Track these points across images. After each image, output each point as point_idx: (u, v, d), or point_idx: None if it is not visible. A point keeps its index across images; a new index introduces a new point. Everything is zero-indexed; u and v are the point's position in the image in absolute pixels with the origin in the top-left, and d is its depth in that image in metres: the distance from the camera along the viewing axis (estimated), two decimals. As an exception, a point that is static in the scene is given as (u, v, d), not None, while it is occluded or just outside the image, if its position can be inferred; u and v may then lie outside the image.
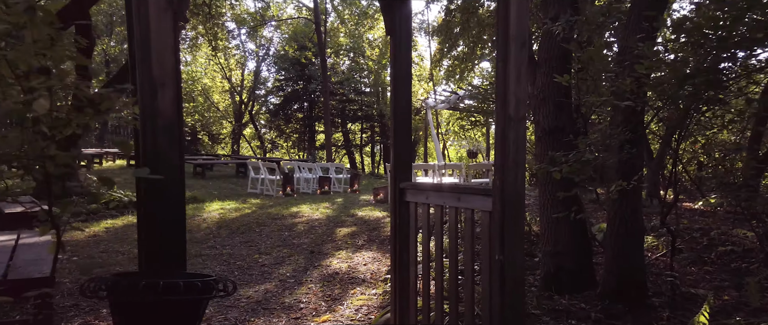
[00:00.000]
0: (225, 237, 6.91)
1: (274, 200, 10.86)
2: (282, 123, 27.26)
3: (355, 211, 8.79)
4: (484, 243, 2.28)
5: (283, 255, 5.86)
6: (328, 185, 12.65)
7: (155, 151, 1.55)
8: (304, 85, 24.95)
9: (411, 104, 3.18)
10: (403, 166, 3.03)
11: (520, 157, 2.17)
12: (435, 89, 19.56)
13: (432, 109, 17.76)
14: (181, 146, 1.58)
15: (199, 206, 9.52)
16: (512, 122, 2.14)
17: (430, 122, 17.61)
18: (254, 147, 29.20)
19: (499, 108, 2.17)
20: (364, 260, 5.49)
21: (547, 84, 3.91)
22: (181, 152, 1.57)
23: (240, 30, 25.00)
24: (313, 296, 4.27)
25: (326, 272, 5.07)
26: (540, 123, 4.00)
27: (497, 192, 2.15)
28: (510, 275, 2.15)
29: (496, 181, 2.18)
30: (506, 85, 2.12)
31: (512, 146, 2.14)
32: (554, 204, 3.83)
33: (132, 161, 16.59)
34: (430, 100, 18.87)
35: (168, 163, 1.56)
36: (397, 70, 3.03)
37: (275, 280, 4.84)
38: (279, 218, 8.12)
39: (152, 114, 1.53)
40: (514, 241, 2.15)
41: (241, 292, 4.40)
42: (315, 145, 26.22)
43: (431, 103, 17.37)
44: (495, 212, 2.18)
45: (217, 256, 5.84)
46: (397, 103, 3.04)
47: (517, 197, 2.15)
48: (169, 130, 1.55)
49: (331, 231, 7.14)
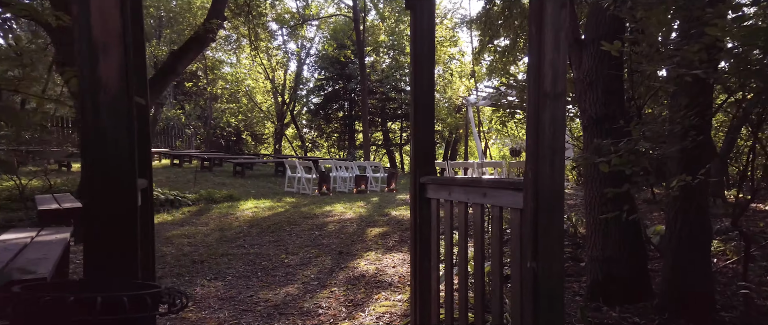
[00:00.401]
0: (255, 236, 6.75)
1: (309, 198, 10.71)
2: (322, 123, 27.35)
3: (390, 210, 8.47)
4: (514, 247, 1.89)
5: (310, 256, 5.61)
6: (365, 183, 12.40)
7: (98, 130, 1.26)
8: (344, 84, 24.89)
9: (433, 87, 2.82)
10: (424, 157, 2.67)
11: (557, 144, 1.77)
12: (476, 86, 18.97)
13: (473, 106, 17.20)
14: (130, 123, 1.29)
15: (234, 205, 9.48)
16: (548, 100, 1.75)
17: (471, 120, 17.06)
18: (295, 147, 29.47)
19: (531, 82, 1.78)
20: (393, 262, 5.15)
21: (595, 66, 3.45)
22: (130, 130, 1.29)
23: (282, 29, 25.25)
24: (334, 301, 3.97)
25: (352, 275, 4.77)
26: (586, 111, 3.53)
27: (529, 186, 1.77)
28: (544, 286, 1.76)
29: (528, 172, 1.79)
30: (541, 52, 1.73)
31: (548, 129, 1.75)
32: (602, 202, 3.36)
33: (175, 160, 16.95)
34: (471, 97, 18.31)
35: (114, 146, 1.28)
36: (418, 47, 2.68)
37: (298, 282, 4.59)
38: (311, 217, 7.91)
39: (93, 85, 1.25)
40: (550, 245, 1.76)
41: (260, 295, 4.17)
42: (355, 145, 26.11)
43: (472, 100, 16.79)
44: (526, 209, 1.79)
45: (244, 255, 5.66)
46: (418, 85, 2.68)
47: (553, 191, 1.76)
48: (114, 104, 1.26)
49: (362, 231, 6.85)
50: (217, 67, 27.23)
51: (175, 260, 5.38)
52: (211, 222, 7.76)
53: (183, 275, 4.82)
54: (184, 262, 5.30)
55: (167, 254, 5.62)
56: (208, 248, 5.97)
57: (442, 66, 23.67)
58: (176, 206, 9.14)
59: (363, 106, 20.36)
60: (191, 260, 5.39)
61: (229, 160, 16.23)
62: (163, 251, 5.78)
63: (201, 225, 7.52)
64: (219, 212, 8.68)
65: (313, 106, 28.28)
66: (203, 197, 10.01)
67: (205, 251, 5.79)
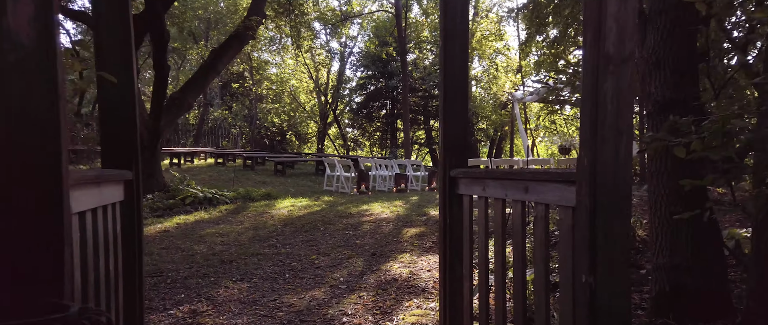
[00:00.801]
0: (288, 235, 6.55)
1: (347, 197, 10.47)
2: (364, 121, 27.22)
3: (428, 209, 8.07)
4: (564, 256, 1.48)
5: (341, 257, 5.32)
6: (405, 182, 12.04)
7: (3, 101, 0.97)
8: (386, 82, 24.62)
9: (467, 66, 2.43)
10: (454, 148, 2.29)
11: (623, 122, 1.36)
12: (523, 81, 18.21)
13: (519, 102, 16.47)
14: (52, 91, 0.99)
15: (271, 203, 9.36)
16: (611, 64, 1.33)
17: (517, 116, 16.34)
18: (338, 146, 29.51)
19: (588, 43, 1.37)
20: (429, 265, 4.77)
21: (663, 42, 2.94)
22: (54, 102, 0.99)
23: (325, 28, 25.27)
24: (361, 307, 3.64)
25: (384, 278, 4.43)
26: (652, 95, 3.02)
27: (584, 177, 1.36)
28: (604, 306, 1.35)
29: (583, 160, 1.38)
30: (601, 4, 1.32)
31: (610, 103, 1.34)
32: (671, 200, 2.84)
33: (219, 159, 17.21)
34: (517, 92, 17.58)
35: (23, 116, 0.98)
36: (448, 20, 2.30)
37: (326, 285, 4.29)
38: (346, 217, 7.64)
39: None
40: (612, 255, 1.35)
41: (284, 299, 3.90)
42: (396, 144, 25.80)
43: (519, 96, 16.09)
44: (581, 208, 1.38)
45: (274, 256, 5.44)
46: (448, 65, 2.30)
47: (617, 185, 1.34)
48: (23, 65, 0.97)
49: (398, 231, 6.49)
50: (262, 68, 27.66)
51: (204, 259, 5.22)
52: (246, 220, 7.64)
53: (209, 275, 4.64)
54: (213, 261, 5.13)
55: (197, 253, 5.49)
56: (240, 247, 5.80)
57: (487, 61, 22.96)
58: (214, 204, 9.12)
59: (404, 103, 20.01)
60: (220, 259, 5.22)
61: (270, 159, 16.30)
62: (194, 250, 5.65)
63: (236, 223, 7.40)
64: (255, 210, 8.57)
65: (355, 105, 28.21)
66: (241, 195, 9.96)
67: (235, 250, 5.62)
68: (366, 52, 25.68)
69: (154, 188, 9.58)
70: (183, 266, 4.97)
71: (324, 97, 27.65)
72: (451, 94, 2.30)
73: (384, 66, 24.36)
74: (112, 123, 1.81)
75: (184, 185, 9.85)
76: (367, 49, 25.31)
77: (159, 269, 4.80)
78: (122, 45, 1.79)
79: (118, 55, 1.79)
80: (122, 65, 1.80)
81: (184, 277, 4.57)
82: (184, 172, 13.58)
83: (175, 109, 10.26)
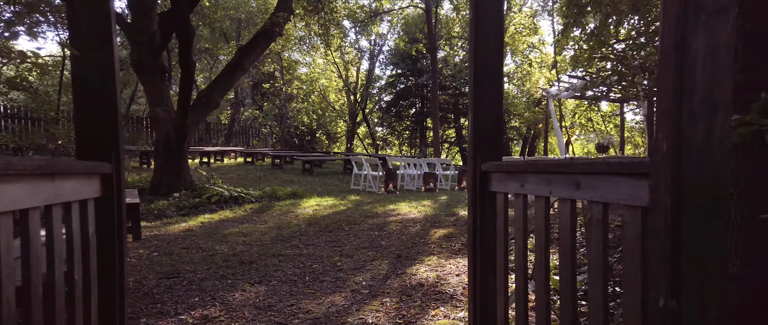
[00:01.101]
0: (311, 235, 6.31)
1: (374, 197, 10.19)
2: (394, 120, 26.93)
3: (458, 209, 7.70)
4: (631, 272, 1.14)
5: (365, 259, 5.03)
6: (434, 181, 11.67)
7: None
8: (415, 80, 24.26)
9: (502, 44, 2.08)
10: (486, 138, 1.95)
11: (721, 93, 1.00)
12: (559, 77, 17.52)
13: (554, 98, 15.83)
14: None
15: (297, 202, 9.17)
16: (703, 15, 0.98)
17: (552, 113, 15.72)
18: (367, 145, 29.32)
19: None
20: (458, 269, 4.43)
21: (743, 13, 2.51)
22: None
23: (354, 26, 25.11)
24: (383, 315, 3.34)
25: (409, 283, 4.11)
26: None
27: (664, 166, 1.01)
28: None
29: (661, 144, 1.03)
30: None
31: (702, 67, 0.98)
32: (747, 197, 2.42)
33: (248, 158, 17.25)
34: (552, 88, 16.92)
35: None
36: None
37: (347, 290, 4.01)
38: (372, 216, 7.35)
39: None
40: (705, 271, 1.00)
41: (302, 305, 3.63)
42: (426, 142, 25.40)
43: (554, 92, 15.46)
44: (657, 208, 1.04)
45: (296, 257, 5.20)
46: (479, 39, 1.96)
47: (711, 175, 0.99)
48: None
49: (426, 232, 6.16)
50: (293, 68, 27.75)
51: (224, 260, 5.03)
52: (270, 220, 7.45)
53: (226, 277, 4.43)
54: (232, 262, 4.93)
55: (217, 253, 5.30)
56: (261, 248, 5.59)
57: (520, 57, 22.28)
58: (239, 203, 9.00)
59: (433, 101, 19.60)
60: (240, 260, 5.01)
61: (298, 158, 16.21)
62: (215, 250, 5.47)
63: (260, 223, 7.23)
64: (280, 209, 8.39)
65: (384, 103, 27.95)
66: (267, 194, 9.82)
67: (256, 251, 5.41)
68: (395, 49, 25.37)
69: (182, 186, 9.55)
70: (201, 267, 4.78)
71: (353, 96, 27.51)
72: (482, 76, 1.97)
73: (413, 64, 24.00)
74: (88, 107, 1.57)
75: (211, 183, 9.78)
76: (397, 47, 25.00)
77: (176, 270, 4.63)
78: (98, 16, 1.55)
79: (94, 27, 1.55)
80: (100, 38, 1.55)
81: (201, 278, 4.37)
82: (213, 171, 13.61)
83: (202, 108, 10.21)
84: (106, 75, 1.58)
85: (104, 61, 1.58)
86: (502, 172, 1.79)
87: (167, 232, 6.67)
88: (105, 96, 1.58)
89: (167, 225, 7.18)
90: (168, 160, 9.46)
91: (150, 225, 7.18)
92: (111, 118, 1.60)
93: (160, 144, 9.78)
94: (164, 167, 9.50)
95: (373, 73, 28.27)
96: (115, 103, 1.61)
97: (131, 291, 3.99)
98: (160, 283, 4.24)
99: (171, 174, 9.45)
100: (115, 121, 1.60)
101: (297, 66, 28.27)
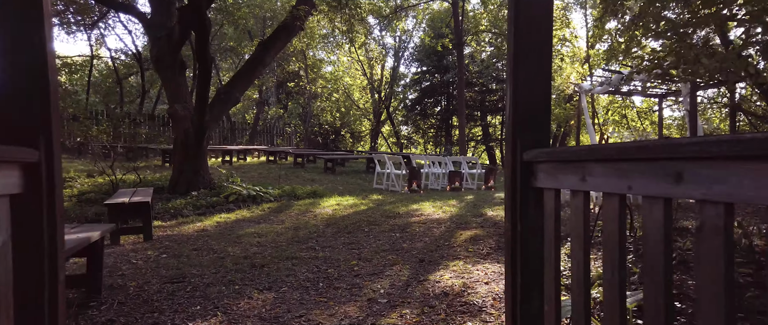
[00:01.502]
0: (329, 237, 5.94)
1: (397, 196, 9.77)
2: (419, 118, 26.44)
3: (485, 210, 7.22)
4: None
5: (385, 263, 4.62)
6: (459, 180, 11.18)
7: None
8: (441, 77, 23.71)
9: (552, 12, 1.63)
10: (529, 120, 1.51)
11: None
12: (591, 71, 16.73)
13: (587, 94, 15.08)
14: None
15: (316, 202, 8.84)
16: None
17: (584, 109, 14.95)
18: (391, 144, 28.92)
19: None
20: (486, 277, 3.97)
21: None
22: None
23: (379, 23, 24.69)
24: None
25: (431, 292, 3.68)
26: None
27: None
28: None
29: None
30: None
31: None
32: None
33: (271, 157, 17.06)
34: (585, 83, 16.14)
35: None
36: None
37: (363, 299, 3.61)
38: (394, 217, 6.94)
39: None
40: None
41: (312, 316, 3.25)
42: (451, 141, 24.82)
43: (586, 87, 14.71)
44: None
45: (311, 259, 4.83)
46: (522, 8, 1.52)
47: None
48: None
49: (451, 234, 5.71)
50: (317, 66, 27.54)
51: (234, 263, 4.70)
52: (287, 220, 7.12)
53: (234, 282, 4.08)
54: (243, 266, 4.59)
55: (228, 256, 4.98)
56: (275, 250, 5.25)
57: (550, 51, 21.48)
58: (257, 202, 8.72)
59: (459, 98, 19.04)
60: (251, 263, 4.67)
61: (321, 157, 15.93)
62: (226, 252, 5.16)
63: (276, 223, 6.91)
64: (298, 209, 8.06)
65: (409, 101, 27.49)
66: (286, 193, 9.52)
67: (270, 253, 5.07)
68: (420, 46, 24.88)
69: (200, 185, 9.33)
70: (209, 270, 4.46)
71: (377, 94, 27.14)
72: (525, 46, 1.52)
73: (439, 60, 23.46)
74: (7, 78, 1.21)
75: (230, 182, 9.54)
76: (422, 43, 24.50)
77: (182, 274, 4.31)
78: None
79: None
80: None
81: (207, 284, 4.04)
82: (235, 169, 13.43)
83: (222, 104, 9.98)
84: (33, 38, 1.22)
85: (31, 27, 1.22)
86: (553, 161, 1.34)
87: (181, 232, 6.41)
88: (31, 65, 1.22)
89: (182, 225, 6.93)
90: (186, 158, 9.26)
91: (164, 225, 6.94)
92: (40, 90, 1.23)
93: (178, 142, 9.59)
94: (183, 165, 9.30)
95: (397, 71, 27.84)
96: (46, 73, 1.24)
97: (130, 298, 3.69)
98: (162, 288, 3.92)
99: (189, 172, 9.24)
100: (46, 95, 1.24)
101: (321, 64, 28.05)
